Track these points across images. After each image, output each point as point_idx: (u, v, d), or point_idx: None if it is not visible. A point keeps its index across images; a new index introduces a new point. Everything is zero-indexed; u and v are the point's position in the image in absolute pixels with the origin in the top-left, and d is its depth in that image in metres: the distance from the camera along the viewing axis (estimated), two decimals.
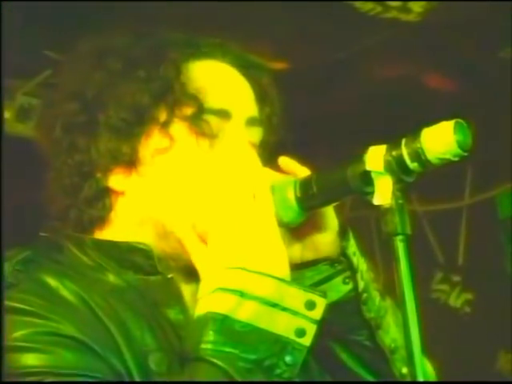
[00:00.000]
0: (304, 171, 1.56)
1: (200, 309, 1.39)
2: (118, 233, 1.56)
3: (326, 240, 1.59)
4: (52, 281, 1.47)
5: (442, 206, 4.91)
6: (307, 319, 1.39)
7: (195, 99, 1.53)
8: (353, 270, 1.60)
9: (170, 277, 1.53)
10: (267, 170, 1.55)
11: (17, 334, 1.37)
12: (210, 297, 1.39)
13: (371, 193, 1.41)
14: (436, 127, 1.36)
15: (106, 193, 1.55)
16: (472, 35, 3.76)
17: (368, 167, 1.41)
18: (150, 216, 1.54)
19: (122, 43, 1.60)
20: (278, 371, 1.36)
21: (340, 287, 1.61)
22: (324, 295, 1.42)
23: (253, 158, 1.55)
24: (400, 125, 2.03)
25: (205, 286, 1.41)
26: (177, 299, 1.52)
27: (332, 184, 1.49)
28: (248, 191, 1.48)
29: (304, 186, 1.50)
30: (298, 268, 1.58)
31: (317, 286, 1.56)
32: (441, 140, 1.35)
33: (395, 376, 1.60)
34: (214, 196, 1.50)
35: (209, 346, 1.35)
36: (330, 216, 1.59)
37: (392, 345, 1.61)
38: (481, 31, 3.71)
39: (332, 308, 1.50)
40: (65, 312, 1.41)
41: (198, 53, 1.60)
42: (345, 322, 1.62)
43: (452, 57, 4.03)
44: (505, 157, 4.35)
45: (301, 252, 1.61)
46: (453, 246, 4.91)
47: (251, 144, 1.59)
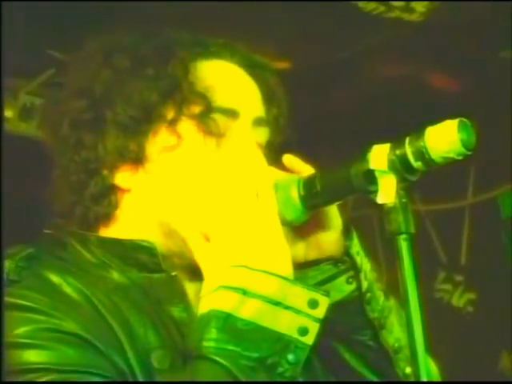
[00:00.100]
0: (308, 169, 1.56)
1: (203, 307, 1.39)
2: (123, 230, 1.56)
3: (330, 239, 1.59)
4: (55, 278, 1.47)
5: (445, 206, 4.90)
6: (310, 318, 1.39)
7: (203, 98, 1.53)
8: (356, 270, 1.60)
9: (174, 275, 1.53)
10: (271, 169, 1.55)
11: (19, 331, 1.37)
12: (213, 295, 1.39)
13: (375, 191, 1.41)
14: (440, 126, 1.36)
15: (112, 190, 1.55)
16: (474, 35, 3.76)
17: (372, 166, 1.41)
18: (155, 213, 1.54)
19: (130, 42, 1.60)
20: (281, 369, 1.36)
21: (343, 287, 1.60)
22: (327, 294, 1.41)
23: (259, 158, 1.55)
24: (402, 124, 2.02)
25: (208, 284, 1.41)
26: (180, 297, 1.52)
27: (336, 183, 1.48)
28: (251, 189, 1.47)
29: (308, 185, 1.50)
30: (301, 267, 1.57)
31: (320, 286, 1.55)
32: (445, 139, 1.35)
33: (399, 376, 1.60)
34: (218, 194, 1.49)
35: (211, 344, 1.35)
36: (334, 215, 1.59)
37: (395, 344, 1.61)
38: (483, 31, 3.71)
39: (335, 308, 1.50)
40: (67, 309, 1.42)
41: (206, 52, 1.60)
42: (348, 322, 1.62)
43: (454, 56, 4.03)
44: (507, 156, 4.34)
45: (304, 251, 1.61)
46: (455, 246, 4.91)
47: (257, 144, 1.59)
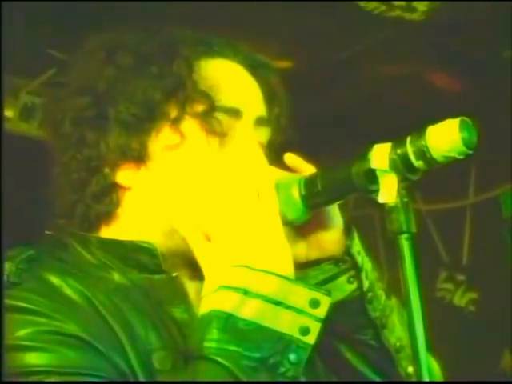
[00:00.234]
0: (310, 168, 1.56)
1: (204, 307, 1.39)
2: (125, 229, 1.55)
3: (331, 238, 1.59)
4: (55, 279, 1.47)
5: (446, 205, 4.90)
6: (311, 317, 1.38)
7: (207, 97, 1.52)
8: (357, 269, 1.60)
9: (175, 275, 1.52)
10: (272, 168, 1.55)
11: (20, 333, 1.37)
12: (214, 295, 1.38)
13: (376, 191, 1.41)
14: (441, 125, 1.35)
15: (114, 188, 1.55)
16: (475, 35, 3.76)
17: (373, 165, 1.41)
18: (157, 212, 1.54)
19: (133, 39, 1.59)
20: (282, 369, 1.35)
21: (345, 286, 1.60)
22: (328, 293, 1.41)
23: (261, 158, 1.54)
24: (403, 124, 2.02)
25: (209, 284, 1.41)
26: (181, 298, 1.51)
27: (337, 182, 1.48)
28: (253, 189, 1.47)
29: (309, 184, 1.49)
30: (303, 267, 1.57)
31: (321, 286, 1.55)
32: (446, 138, 1.34)
33: (401, 375, 1.60)
34: (220, 194, 1.49)
35: (213, 345, 1.34)
36: (335, 214, 1.58)
37: (397, 344, 1.60)
38: (484, 31, 3.71)
39: (337, 307, 1.50)
40: (68, 311, 1.41)
41: (210, 51, 1.60)
42: (350, 322, 1.61)
43: (455, 56, 4.03)
44: (508, 155, 4.34)
45: (305, 250, 1.60)
46: (457, 245, 4.91)
47: (259, 144, 1.58)
